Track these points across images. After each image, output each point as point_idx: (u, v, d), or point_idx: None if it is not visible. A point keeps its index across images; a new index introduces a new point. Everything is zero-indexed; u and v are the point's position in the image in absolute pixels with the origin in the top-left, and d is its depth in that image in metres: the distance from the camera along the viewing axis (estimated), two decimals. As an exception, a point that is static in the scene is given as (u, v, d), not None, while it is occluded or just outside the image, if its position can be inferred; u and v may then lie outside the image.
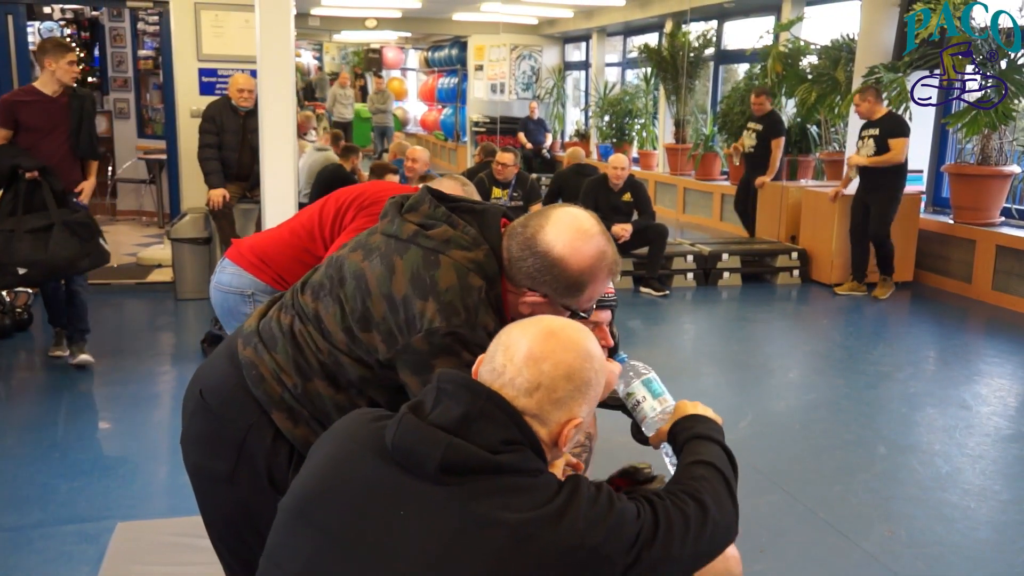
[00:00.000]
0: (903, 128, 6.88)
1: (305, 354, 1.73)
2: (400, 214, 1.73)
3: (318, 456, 1.41)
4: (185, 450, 1.89)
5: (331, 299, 1.72)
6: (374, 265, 1.68)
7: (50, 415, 4.29)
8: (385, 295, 1.64)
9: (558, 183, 7.90)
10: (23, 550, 2.98)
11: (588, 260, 1.64)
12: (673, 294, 7.23)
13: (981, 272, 7.05)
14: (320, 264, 1.85)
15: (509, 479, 1.28)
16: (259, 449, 1.74)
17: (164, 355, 5.40)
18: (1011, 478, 3.84)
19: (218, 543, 1.91)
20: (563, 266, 1.62)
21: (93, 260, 4.71)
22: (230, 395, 1.78)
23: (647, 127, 12.54)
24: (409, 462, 1.29)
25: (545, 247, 1.62)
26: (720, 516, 1.45)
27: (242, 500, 1.76)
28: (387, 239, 1.71)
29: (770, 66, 9.10)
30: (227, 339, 1.91)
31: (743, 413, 4.47)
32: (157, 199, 9.66)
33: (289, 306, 1.81)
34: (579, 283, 1.65)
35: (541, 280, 1.64)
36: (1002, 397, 4.87)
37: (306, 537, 1.32)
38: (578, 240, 1.63)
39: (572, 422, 1.36)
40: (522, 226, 1.67)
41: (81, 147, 4.90)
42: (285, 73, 5.15)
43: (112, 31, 10.40)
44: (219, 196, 6.13)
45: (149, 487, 3.53)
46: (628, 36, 13.88)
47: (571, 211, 1.68)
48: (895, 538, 3.23)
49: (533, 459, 1.33)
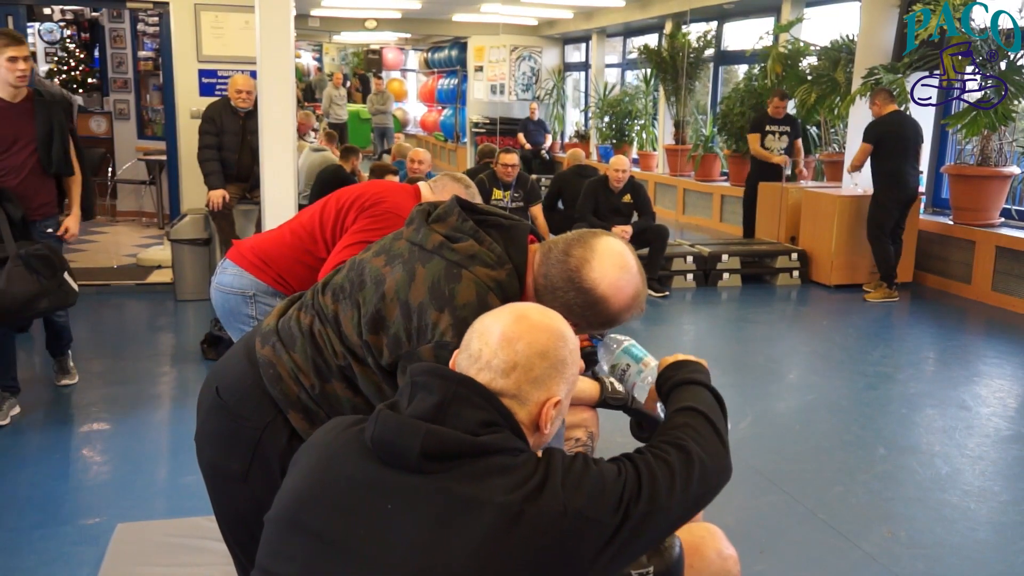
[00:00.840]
0: (865, 133, 6.99)
1: (324, 355, 1.73)
2: (427, 223, 1.72)
3: (302, 464, 1.42)
4: (199, 447, 1.89)
5: (350, 302, 1.72)
6: (395, 270, 1.68)
7: (49, 415, 4.29)
8: (401, 301, 1.64)
9: (558, 184, 7.89)
10: (23, 551, 2.98)
11: (628, 301, 1.66)
12: (673, 295, 7.23)
13: (981, 273, 7.05)
14: (343, 266, 1.85)
15: (492, 460, 1.29)
16: (274, 449, 1.74)
17: (164, 356, 5.40)
18: (1011, 479, 3.84)
19: (230, 540, 1.91)
20: (604, 305, 1.64)
21: (53, 301, 4.07)
22: (247, 393, 1.78)
23: (647, 128, 12.54)
24: (391, 456, 1.30)
25: (590, 284, 1.63)
26: (708, 458, 1.45)
27: (256, 499, 1.75)
28: (411, 247, 1.70)
29: (770, 67, 9.11)
30: (245, 337, 1.90)
31: (743, 414, 4.47)
32: (157, 200, 9.66)
33: (309, 306, 1.81)
34: (613, 320, 1.68)
35: (579, 313, 1.64)
36: (1002, 398, 4.87)
37: (299, 544, 1.33)
38: (622, 280, 1.65)
39: (551, 401, 1.38)
40: (564, 254, 1.65)
41: (53, 162, 4.22)
42: (285, 74, 5.15)
43: (112, 32, 10.40)
44: (219, 197, 6.13)
45: (149, 488, 3.53)
46: (628, 37, 13.89)
47: (614, 246, 1.68)
48: (895, 539, 3.23)
49: (514, 440, 1.33)
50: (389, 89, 19.60)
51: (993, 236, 6.96)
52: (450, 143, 17.83)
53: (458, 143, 17.28)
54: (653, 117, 12.55)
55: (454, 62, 17.47)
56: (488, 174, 7.15)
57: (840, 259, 7.46)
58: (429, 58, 19.30)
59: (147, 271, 7.21)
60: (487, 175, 7.14)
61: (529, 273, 1.68)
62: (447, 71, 18.35)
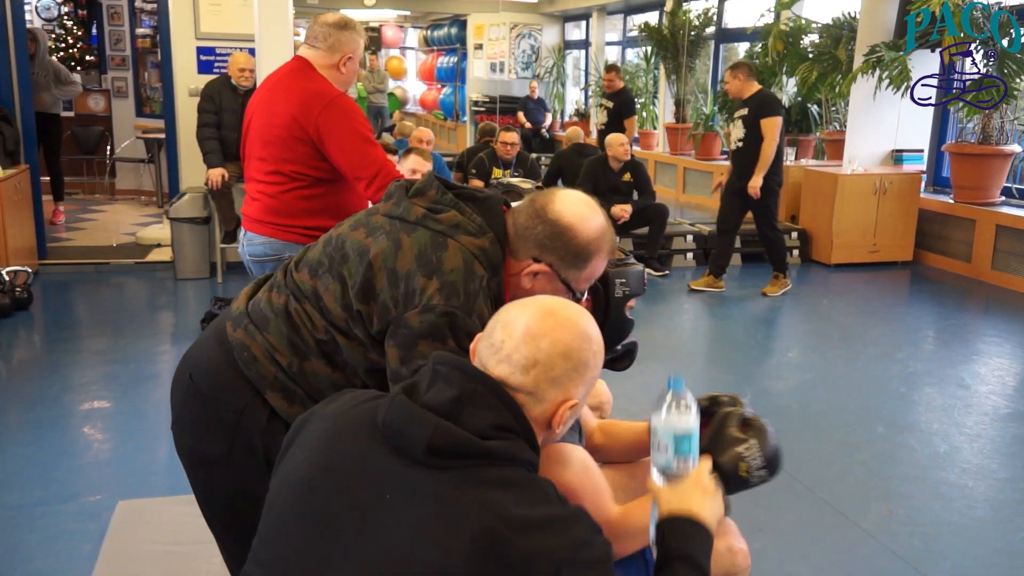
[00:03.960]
0: (774, 107, 6.17)
1: (301, 333, 1.73)
2: (407, 197, 1.74)
3: (311, 435, 1.39)
4: (177, 435, 1.88)
5: (331, 276, 1.72)
6: (379, 240, 1.69)
7: (51, 394, 4.30)
8: (388, 268, 1.65)
9: (558, 163, 7.88)
10: (24, 528, 2.99)
11: (594, 232, 1.69)
12: (673, 274, 7.23)
13: (981, 252, 7.04)
14: (314, 243, 1.85)
15: (499, 471, 1.25)
16: (254, 430, 1.74)
17: (164, 334, 5.40)
18: (1009, 457, 3.85)
19: (213, 522, 1.91)
20: (572, 233, 1.67)
21: None
22: (221, 377, 1.78)
23: (647, 107, 12.48)
24: (399, 443, 1.27)
25: (555, 215, 1.67)
26: None
27: (238, 481, 1.76)
28: (392, 220, 1.72)
29: (771, 45, 9.06)
30: (214, 323, 1.90)
31: (742, 393, 4.43)
32: (156, 178, 9.64)
33: (283, 286, 1.80)
34: (585, 252, 1.68)
35: (550, 247, 1.67)
36: (1000, 376, 4.88)
37: (299, 518, 1.31)
38: (586, 212, 1.69)
39: (568, 403, 1.35)
40: (529, 201, 1.72)
41: None
42: (284, 52, 5.13)
43: (110, 9, 10.35)
44: (218, 175, 6.12)
45: (150, 465, 3.54)
46: (628, 14, 13.80)
47: (574, 191, 1.75)
48: (893, 516, 3.24)
49: (525, 450, 1.30)
50: (388, 68, 19.50)
51: (994, 215, 6.95)
52: (450, 122, 17.76)
53: (458, 122, 17.21)
54: (653, 95, 12.49)
55: (453, 40, 17.38)
56: (488, 152, 7.14)
57: (840, 238, 7.45)
58: (428, 36, 19.20)
59: (146, 250, 7.20)
60: (487, 153, 7.13)
61: (508, 241, 1.71)
62: (446, 49, 18.26)
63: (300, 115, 2.91)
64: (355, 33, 3.07)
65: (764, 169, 6.11)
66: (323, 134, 2.90)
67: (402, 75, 21.07)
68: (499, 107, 14.97)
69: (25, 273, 5.77)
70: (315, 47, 3.03)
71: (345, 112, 2.94)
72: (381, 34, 21.53)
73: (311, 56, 3.03)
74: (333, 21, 3.05)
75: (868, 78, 7.23)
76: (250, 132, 3.14)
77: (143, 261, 6.92)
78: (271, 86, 3.10)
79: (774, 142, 6.08)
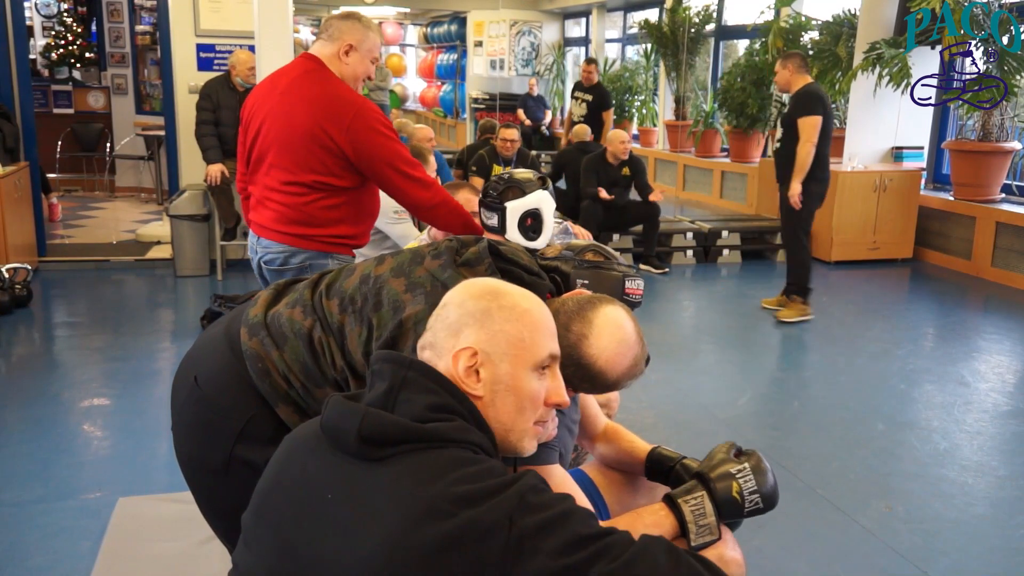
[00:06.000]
0: (814, 104, 5.47)
1: (320, 364, 1.69)
2: (455, 264, 1.70)
3: (274, 456, 1.39)
4: (177, 439, 1.85)
5: (359, 318, 1.69)
6: (417, 301, 1.65)
7: (50, 391, 4.30)
8: (418, 334, 1.59)
9: (561, 161, 7.90)
10: (24, 525, 2.99)
11: (624, 371, 1.70)
12: (673, 271, 7.23)
13: (981, 249, 7.04)
14: (350, 272, 1.80)
15: (437, 454, 1.21)
16: (257, 442, 1.70)
17: (164, 332, 5.40)
18: (1008, 454, 3.85)
19: (215, 525, 1.90)
20: (601, 377, 1.68)
21: None
22: (229, 385, 1.73)
23: (647, 104, 12.48)
24: (335, 440, 1.26)
25: (588, 360, 1.66)
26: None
27: (236, 491, 1.71)
28: (435, 282, 1.67)
29: (771, 42, 9.05)
30: (224, 323, 1.84)
31: (742, 390, 4.48)
32: (156, 175, 9.64)
33: (309, 309, 1.74)
34: (611, 387, 1.72)
35: (577, 383, 1.70)
36: (1000, 374, 4.88)
37: (261, 537, 1.30)
38: (620, 354, 1.68)
39: (465, 350, 1.31)
40: (564, 328, 1.65)
41: None
42: (283, 49, 5.12)
43: (109, 6, 10.34)
44: (217, 171, 6.12)
45: (150, 462, 3.54)
46: (628, 12, 13.78)
47: (615, 317, 1.69)
48: (893, 514, 3.24)
49: (469, 431, 1.27)
50: (388, 65, 19.47)
51: (994, 212, 6.95)
52: (450, 119, 17.74)
53: (457, 119, 17.19)
54: (653, 93, 12.48)
55: (453, 37, 17.35)
56: (488, 150, 7.14)
57: (840, 235, 7.45)
58: (428, 33, 19.17)
59: (146, 247, 7.20)
60: (487, 151, 7.12)
61: None
62: (446, 46, 18.23)
63: (327, 124, 2.81)
64: (359, 24, 3.00)
65: (801, 174, 5.47)
66: (360, 155, 2.84)
67: (402, 72, 21.05)
68: (499, 104, 14.95)
69: (25, 270, 5.77)
70: (320, 38, 3.03)
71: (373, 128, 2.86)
72: (381, 31, 21.48)
73: (318, 49, 3.00)
74: (338, 13, 3.05)
75: (868, 75, 7.23)
76: (260, 136, 2.97)
77: (143, 258, 6.92)
78: (284, 89, 2.94)
79: (810, 143, 5.42)
